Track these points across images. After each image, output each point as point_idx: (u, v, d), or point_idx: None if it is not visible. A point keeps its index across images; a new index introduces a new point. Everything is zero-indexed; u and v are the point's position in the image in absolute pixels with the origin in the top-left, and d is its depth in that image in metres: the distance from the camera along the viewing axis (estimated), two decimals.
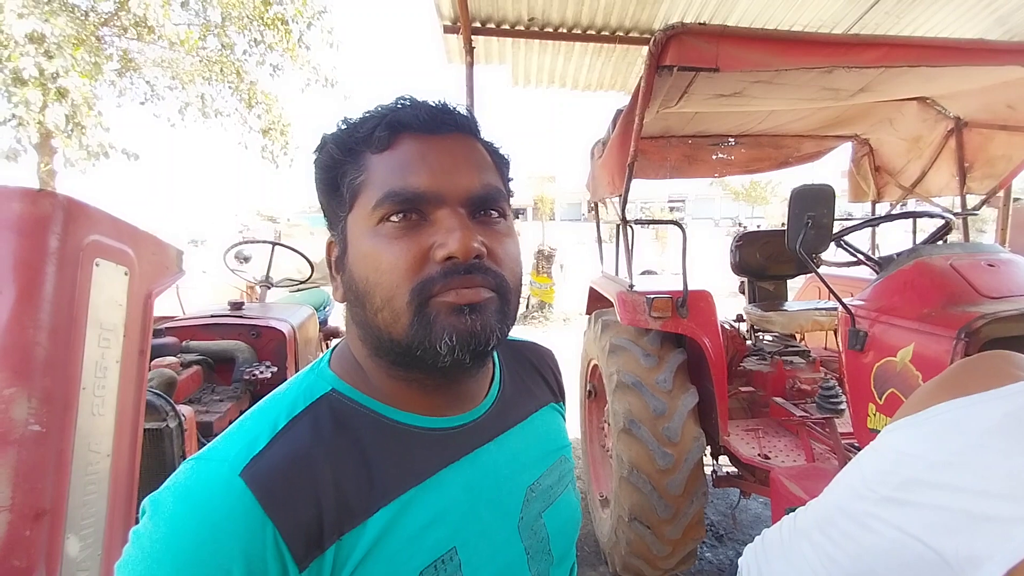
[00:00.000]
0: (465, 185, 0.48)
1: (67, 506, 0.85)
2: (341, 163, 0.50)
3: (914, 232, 3.24)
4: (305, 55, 8.47)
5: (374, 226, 0.47)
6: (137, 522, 0.42)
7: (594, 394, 3.02)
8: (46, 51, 5.99)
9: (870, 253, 1.80)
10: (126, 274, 1.01)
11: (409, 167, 0.48)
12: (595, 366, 2.80)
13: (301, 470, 0.44)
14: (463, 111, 0.52)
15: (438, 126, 0.50)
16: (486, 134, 0.55)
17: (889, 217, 2.16)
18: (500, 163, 0.56)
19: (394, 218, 0.47)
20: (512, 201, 0.58)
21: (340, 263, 0.52)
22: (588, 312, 3.08)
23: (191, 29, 7.90)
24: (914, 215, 2.00)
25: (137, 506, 1.03)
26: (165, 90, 8.77)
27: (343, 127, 0.51)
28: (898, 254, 1.71)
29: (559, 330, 8.59)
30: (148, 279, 1.08)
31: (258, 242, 3.08)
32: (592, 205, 3.35)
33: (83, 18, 6.99)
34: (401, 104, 0.50)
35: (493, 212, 0.51)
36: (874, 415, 1.52)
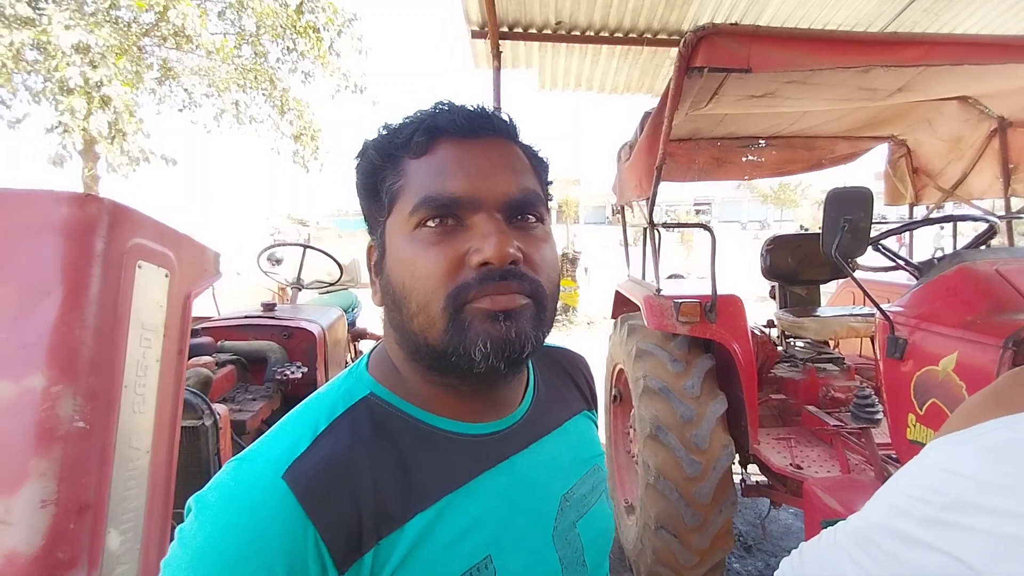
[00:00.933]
0: (502, 190, 0.48)
1: (109, 501, 0.88)
2: (381, 168, 0.51)
3: (954, 236, 3.12)
4: (335, 62, 8.65)
5: (411, 231, 0.48)
6: (177, 519, 0.43)
7: (619, 399, 2.98)
8: (91, 61, 6.25)
9: (908, 258, 1.74)
10: (167, 276, 1.04)
11: (446, 172, 0.47)
12: (620, 370, 2.77)
13: (341, 473, 0.44)
14: (502, 115, 0.52)
15: (476, 130, 0.49)
16: (524, 138, 0.55)
17: (931, 221, 2.08)
18: (539, 167, 0.55)
19: (430, 223, 0.47)
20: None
21: (379, 267, 0.52)
22: (614, 316, 3.05)
23: (227, 38, 8.15)
24: (957, 218, 1.93)
25: (174, 502, 1.07)
26: (202, 97, 9.07)
27: (383, 133, 0.52)
28: (939, 259, 1.65)
29: (583, 333, 8.54)
30: (187, 281, 1.11)
31: (290, 244, 3.16)
32: (618, 208, 3.32)
33: (126, 29, 7.28)
34: (439, 109, 0.50)
35: (530, 217, 0.50)
36: (914, 426, 1.47)
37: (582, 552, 0.56)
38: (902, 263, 1.65)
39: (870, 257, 1.76)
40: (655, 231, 2.41)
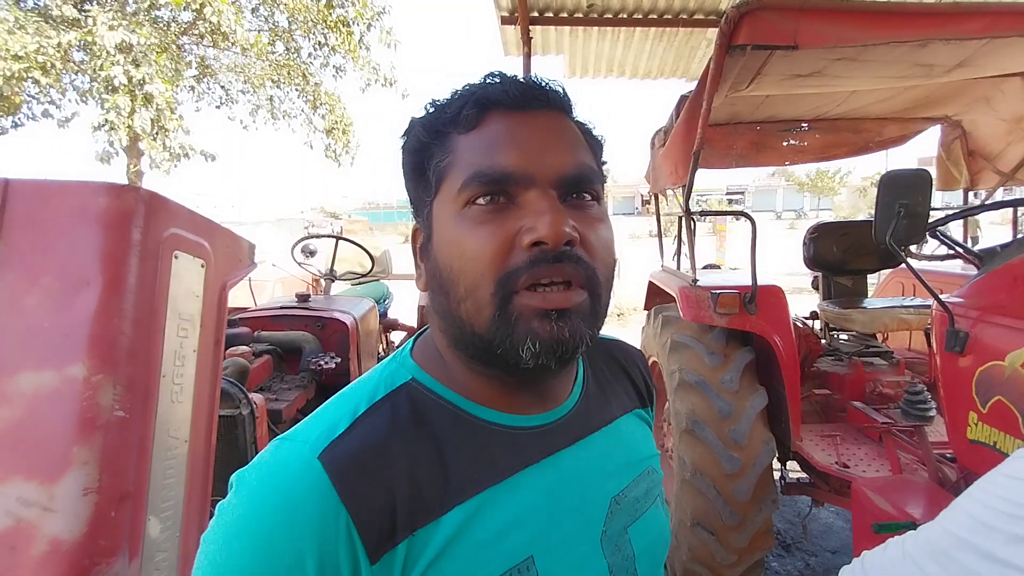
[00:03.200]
0: (557, 164, 0.45)
1: (148, 489, 0.89)
2: (428, 146, 0.48)
3: (1014, 223, 2.93)
4: (366, 56, 8.72)
5: (460, 210, 0.45)
6: (215, 507, 0.42)
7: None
8: (133, 59, 6.45)
9: (967, 246, 1.63)
10: (203, 266, 1.04)
11: (497, 146, 0.45)
12: (654, 363, 2.71)
13: (376, 458, 0.43)
14: (556, 87, 0.49)
15: (528, 102, 0.46)
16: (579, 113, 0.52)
17: (996, 205, 1.95)
18: (594, 144, 0.52)
19: (480, 200, 0.44)
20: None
21: (424, 250, 0.50)
22: (647, 307, 2.98)
23: (260, 34, 8.30)
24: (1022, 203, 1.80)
25: (212, 490, 1.08)
26: (238, 94, 9.29)
27: (431, 109, 0.49)
28: (1003, 246, 1.54)
29: (613, 326, 8.45)
30: (223, 271, 1.12)
31: (323, 236, 3.19)
32: (651, 197, 3.24)
33: (165, 27, 7.49)
34: (491, 81, 0.47)
35: (587, 195, 0.47)
36: (976, 424, 1.38)
37: (634, 561, 0.52)
38: (963, 251, 1.54)
39: (925, 246, 1.66)
40: (691, 220, 2.33)
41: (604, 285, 0.47)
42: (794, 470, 2.46)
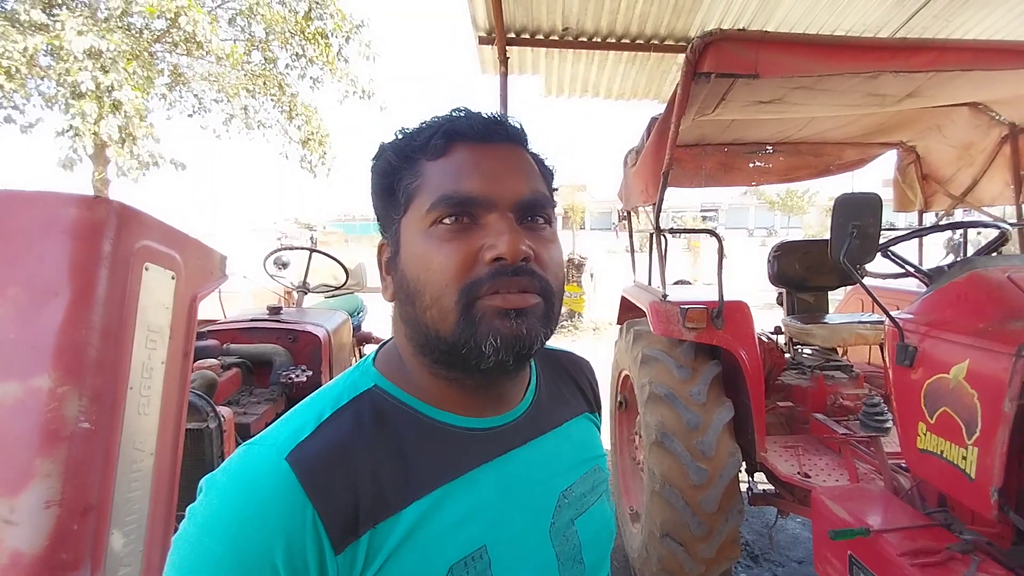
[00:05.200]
0: (515, 191, 0.51)
1: (112, 502, 0.88)
2: (398, 169, 0.53)
3: (964, 243, 3.09)
4: (344, 68, 8.71)
5: (427, 228, 0.50)
6: (179, 521, 0.45)
7: (625, 405, 2.97)
8: (102, 66, 6.32)
9: (918, 265, 1.72)
10: (173, 278, 1.04)
11: (463, 173, 0.50)
12: (626, 376, 2.76)
13: (341, 458, 0.46)
14: (514, 122, 0.55)
15: (491, 135, 0.52)
16: (532, 146, 0.58)
17: (941, 227, 2.06)
18: (546, 173, 0.58)
19: (447, 220, 0.49)
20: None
21: (392, 263, 0.54)
22: (619, 322, 3.04)
23: (236, 44, 8.23)
24: (968, 225, 1.91)
25: (177, 504, 1.06)
26: (212, 103, 9.17)
27: (400, 136, 0.54)
28: (949, 266, 1.63)
29: (589, 340, 8.51)
30: (193, 283, 1.12)
31: (297, 248, 3.17)
32: (624, 214, 3.32)
33: (137, 35, 7.37)
34: (456, 114, 0.53)
35: (540, 218, 0.53)
36: (924, 434, 1.45)
37: (580, 549, 0.57)
38: (912, 270, 1.63)
39: (879, 264, 1.74)
40: (662, 236, 2.40)
41: (556, 295, 0.52)
42: (761, 482, 2.53)
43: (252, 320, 2.40)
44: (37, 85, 7.29)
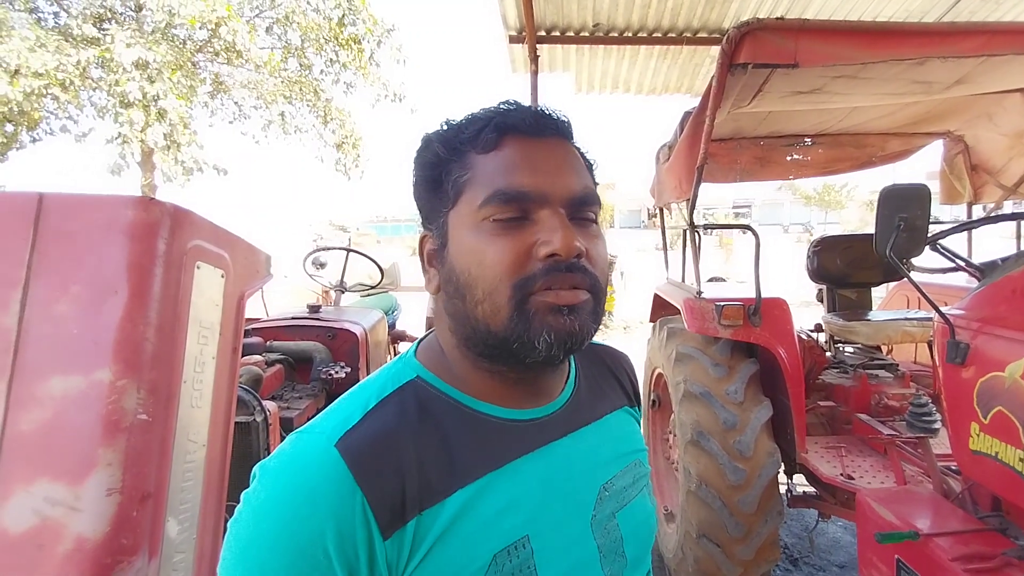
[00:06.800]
0: (567, 186, 0.50)
1: (168, 491, 0.92)
2: (446, 161, 0.53)
3: (1018, 236, 2.93)
4: (376, 72, 8.88)
5: (479, 222, 0.49)
6: (230, 512, 0.46)
7: (658, 404, 2.93)
8: (149, 76, 6.61)
9: (968, 259, 1.64)
10: (222, 276, 1.08)
11: (515, 167, 0.50)
12: (659, 375, 2.73)
13: (387, 446, 0.47)
14: (563, 117, 0.54)
15: (542, 129, 0.52)
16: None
17: (994, 219, 1.97)
18: (590, 168, 0.57)
19: (499, 215, 0.49)
20: None
21: (438, 256, 0.54)
22: (652, 319, 3.00)
23: (274, 52, 8.48)
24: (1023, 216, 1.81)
25: (228, 495, 1.11)
26: (251, 109, 9.48)
27: (447, 128, 0.54)
28: (1004, 259, 1.55)
29: (619, 338, 8.44)
30: (241, 281, 1.16)
31: (334, 248, 3.24)
32: (656, 211, 3.28)
33: (181, 45, 7.67)
34: (506, 107, 0.53)
35: (589, 214, 0.53)
36: (978, 435, 1.38)
37: (621, 543, 0.57)
38: (963, 264, 1.56)
39: (927, 258, 1.68)
40: (695, 233, 2.36)
41: (603, 291, 0.52)
42: (801, 483, 2.46)
43: (293, 318, 2.47)
44: (89, 96, 7.68)
